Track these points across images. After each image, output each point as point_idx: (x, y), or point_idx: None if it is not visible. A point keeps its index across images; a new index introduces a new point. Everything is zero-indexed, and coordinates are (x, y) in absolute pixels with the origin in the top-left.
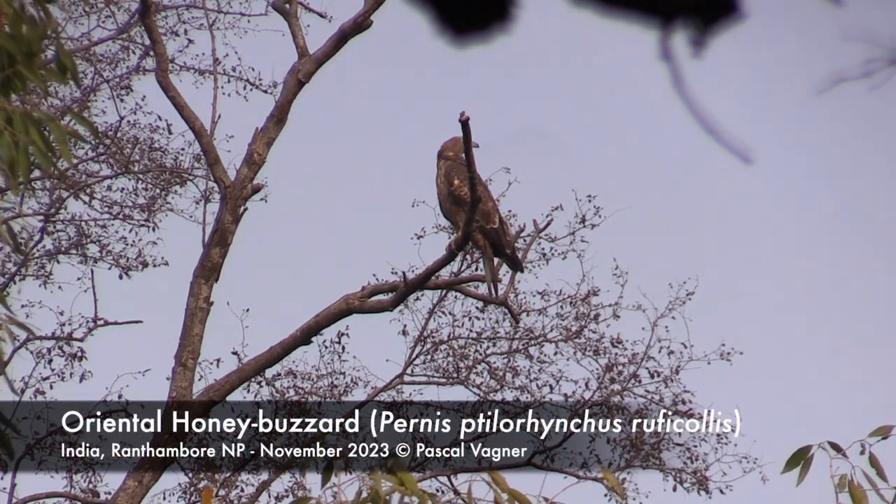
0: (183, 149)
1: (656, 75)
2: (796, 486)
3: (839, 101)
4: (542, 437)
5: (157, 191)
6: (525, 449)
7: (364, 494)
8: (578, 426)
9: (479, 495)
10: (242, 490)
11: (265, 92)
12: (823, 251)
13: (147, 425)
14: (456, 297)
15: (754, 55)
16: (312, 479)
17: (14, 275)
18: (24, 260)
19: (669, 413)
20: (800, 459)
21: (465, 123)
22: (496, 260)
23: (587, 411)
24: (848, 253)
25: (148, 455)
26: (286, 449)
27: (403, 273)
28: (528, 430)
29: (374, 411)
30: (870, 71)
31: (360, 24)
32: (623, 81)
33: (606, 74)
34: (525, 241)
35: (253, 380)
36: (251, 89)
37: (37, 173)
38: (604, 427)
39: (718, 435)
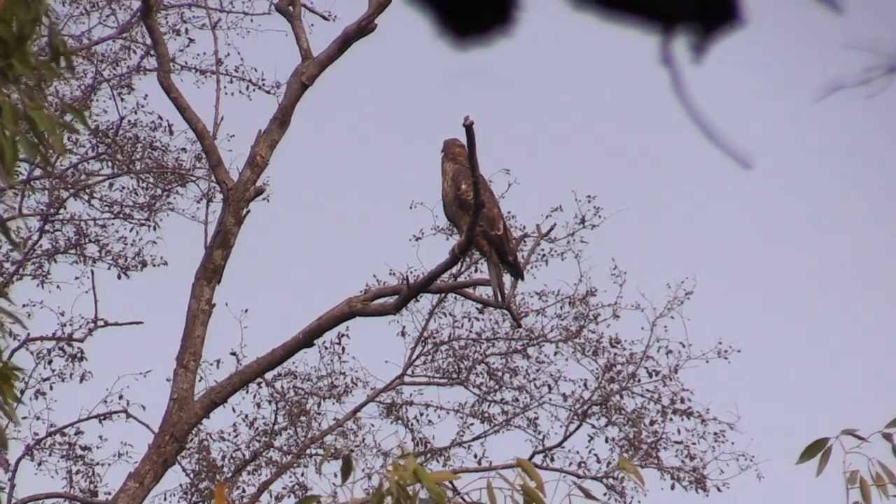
0: (184, 148)
1: (657, 79)
2: (815, 476)
3: (837, 107)
4: (542, 436)
5: (158, 191)
6: (525, 449)
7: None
8: (578, 426)
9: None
10: (243, 491)
11: (268, 93)
12: (821, 252)
13: (148, 426)
14: (456, 297)
15: (754, 61)
16: (313, 479)
17: (13, 275)
18: (24, 259)
19: (668, 411)
20: (816, 451)
21: (469, 128)
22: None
23: (586, 411)
24: (845, 254)
25: (149, 456)
26: (286, 449)
27: (406, 277)
28: (528, 429)
29: (374, 412)
30: (868, 78)
31: (363, 28)
32: (623, 85)
33: (607, 78)
34: (525, 243)
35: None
36: (254, 90)
37: (37, 172)
38: (603, 426)
39: (716, 433)
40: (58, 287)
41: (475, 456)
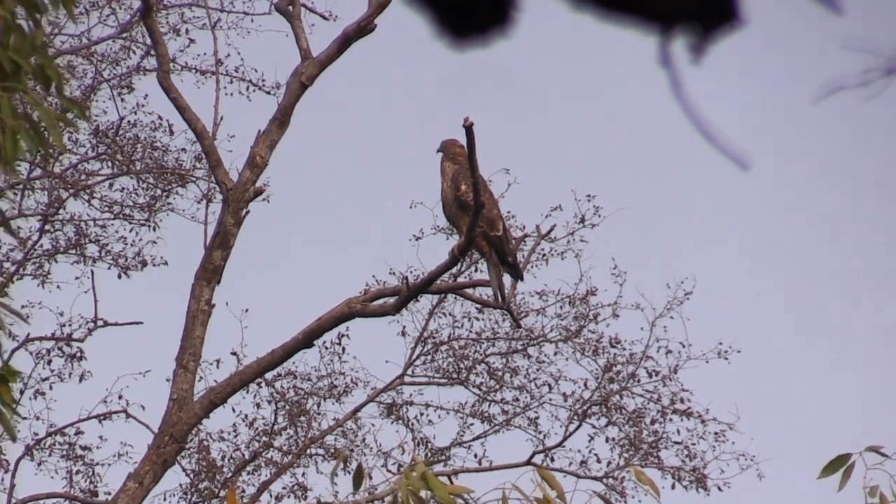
0: (184, 148)
1: (656, 80)
2: (837, 491)
3: (836, 108)
4: (542, 436)
5: (158, 191)
6: (525, 449)
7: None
8: (578, 426)
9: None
10: (243, 491)
11: (268, 93)
12: (821, 253)
13: (148, 426)
14: (455, 297)
15: (753, 62)
16: (314, 479)
17: (13, 275)
18: (24, 259)
19: (668, 412)
20: (838, 466)
21: (468, 129)
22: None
23: (586, 410)
24: (845, 254)
25: (148, 456)
26: (286, 449)
27: (406, 277)
28: (528, 429)
29: (374, 412)
30: (867, 80)
31: (363, 28)
32: (623, 85)
33: (606, 78)
34: (525, 243)
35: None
36: (254, 90)
37: (37, 172)
38: (603, 426)
39: (716, 433)
40: (58, 287)
41: (475, 456)
